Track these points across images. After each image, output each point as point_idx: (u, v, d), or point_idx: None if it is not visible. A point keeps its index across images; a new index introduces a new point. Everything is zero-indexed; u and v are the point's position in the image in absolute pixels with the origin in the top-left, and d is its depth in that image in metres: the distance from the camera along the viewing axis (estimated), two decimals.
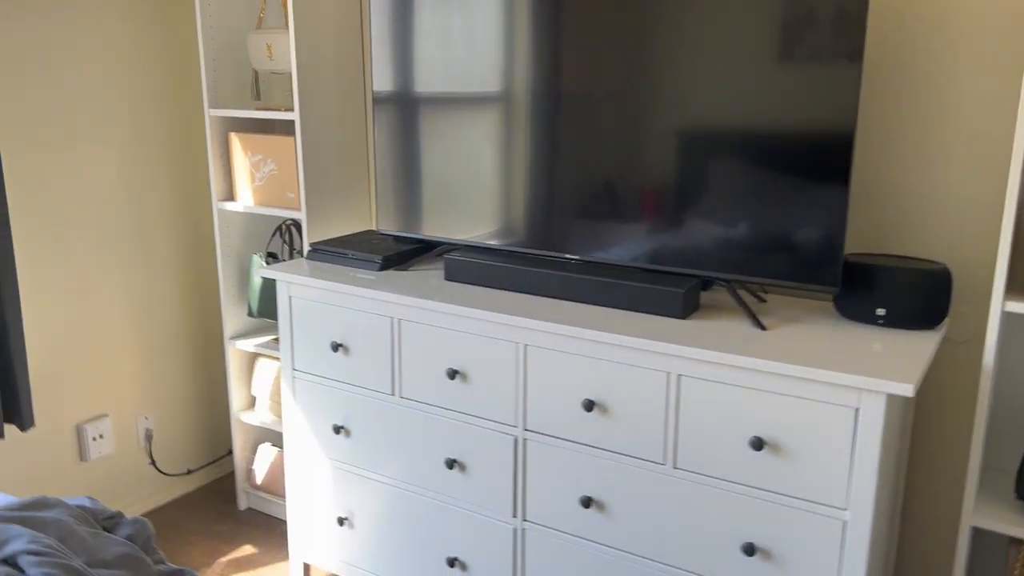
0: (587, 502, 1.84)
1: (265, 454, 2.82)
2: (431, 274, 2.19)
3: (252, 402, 2.87)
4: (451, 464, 2.02)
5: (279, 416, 2.76)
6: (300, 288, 2.20)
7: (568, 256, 2.01)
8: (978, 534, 1.92)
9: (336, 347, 2.14)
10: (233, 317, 2.76)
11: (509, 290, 2.03)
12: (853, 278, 1.77)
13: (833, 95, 1.65)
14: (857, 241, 1.98)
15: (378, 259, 2.22)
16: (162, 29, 2.68)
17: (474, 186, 2.11)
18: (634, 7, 1.81)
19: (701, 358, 1.64)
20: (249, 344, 2.72)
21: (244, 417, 2.80)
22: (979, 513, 1.71)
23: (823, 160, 1.68)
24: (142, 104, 2.66)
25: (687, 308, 1.83)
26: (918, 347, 1.65)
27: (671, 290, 1.81)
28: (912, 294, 1.72)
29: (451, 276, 2.11)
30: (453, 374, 1.97)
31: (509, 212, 2.07)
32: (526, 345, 1.87)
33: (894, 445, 1.71)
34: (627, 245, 1.93)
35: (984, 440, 1.70)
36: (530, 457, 1.92)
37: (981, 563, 1.95)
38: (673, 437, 1.73)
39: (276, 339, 2.75)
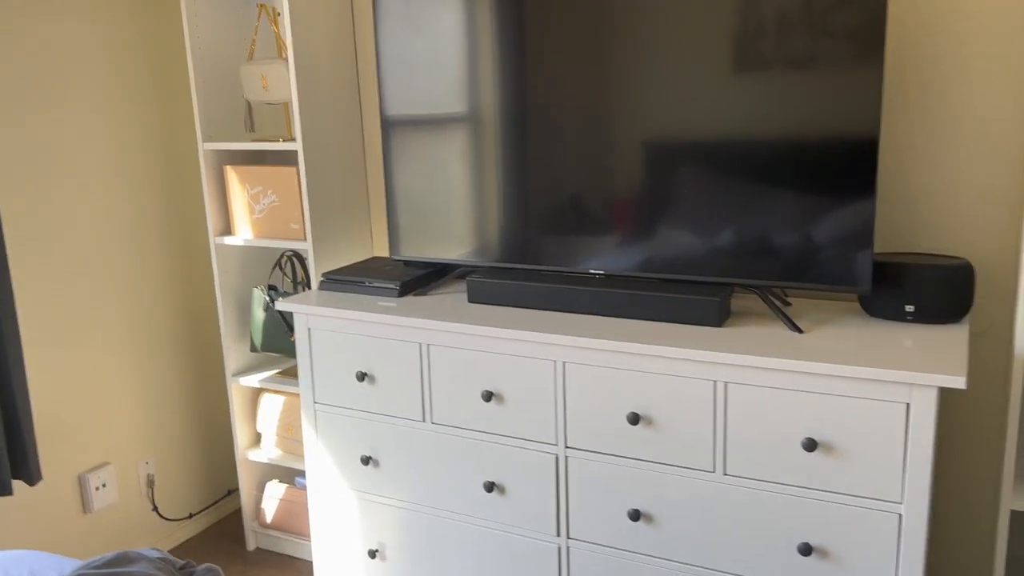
0: (635, 515, 1.85)
1: (274, 491, 2.76)
2: (452, 297, 2.18)
3: (257, 439, 2.81)
4: (490, 487, 2.00)
5: (287, 451, 2.70)
6: (321, 319, 2.16)
7: (593, 271, 2.02)
8: (1016, 517, 1.99)
9: (362, 376, 2.11)
10: (234, 353, 2.70)
11: (537, 308, 2.03)
12: (880, 277, 1.83)
13: (857, 102, 1.70)
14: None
15: (396, 285, 2.20)
16: (149, 63, 2.62)
17: (489, 207, 2.11)
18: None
19: (751, 364, 1.66)
20: (253, 380, 2.66)
21: (250, 455, 2.73)
22: (1018, 496, 1.77)
23: (850, 166, 1.73)
24: (131, 141, 2.59)
25: (722, 315, 1.86)
26: (951, 340, 1.71)
27: (707, 299, 1.84)
28: (939, 289, 1.78)
29: (475, 298, 2.10)
30: (488, 396, 1.96)
31: (527, 231, 2.08)
32: (564, 362, 1.87)
33: (938, 436, 1.76)
34: (654, 256, 1.95)
35: (1019, 426, 1.76)
36: (572, 474, 1.92)
37: (1016, 545, 2.01)
38: (722, 444, 1.75)
39: (281, 373, 2.70)
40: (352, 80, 2.57)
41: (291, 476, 2.91)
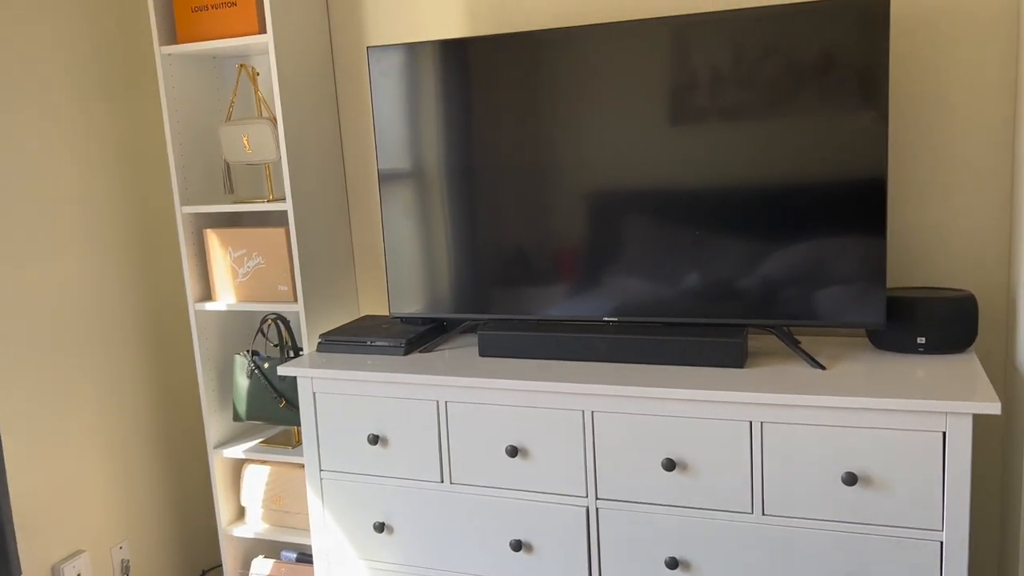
0: (673, 563, 1.83)
1: (260, 568, 2.62)
2: (461, 352, 2.14)
3: (241, 513, 2.67)
4: (517, 546, 1.95)
5: (275, 524, 2.58)
6: (326, 383, 2.09)
7: (607, 319, 2.03)
8: None
9: (374, 440, 2.04)
10: (215, 424, 2.57)
11: (553, 359, 2.02)
12: (891, 311, 1.89)
13: (867, 145, 1.78)
14: None
15: (401, 343, 2.15)
16: (122, 128, 2.52)
17: (491, 260, 2.10)
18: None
19: (785, 403, 1.69)
20: (237, 450, 2.54)
21: (234, 530, 2.59)
22: None
23: (861, 207, 1.80)
24: (101, 208, 2.48)
25: (744, 357, 1.88)
26: (966, 368, 1.77)
27: (730, 341, 1.86)
28: (948, 321, 1.86)
29: (487, 351, 2.08)
30: (513, 451, 1.92)
31: (532, 282, 2.07)
32: (593, 411, 1.86)
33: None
34: (668, 300, 1.97)
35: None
36: (604, 526, 1.89)
37: None
38: (759, 485, 1.76)
39: (265, 441, 2.59)
40: (335, 137, 2.54)
41: (276, 550, 2.77)
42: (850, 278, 1.84)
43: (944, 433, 1.62)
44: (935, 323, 1.86)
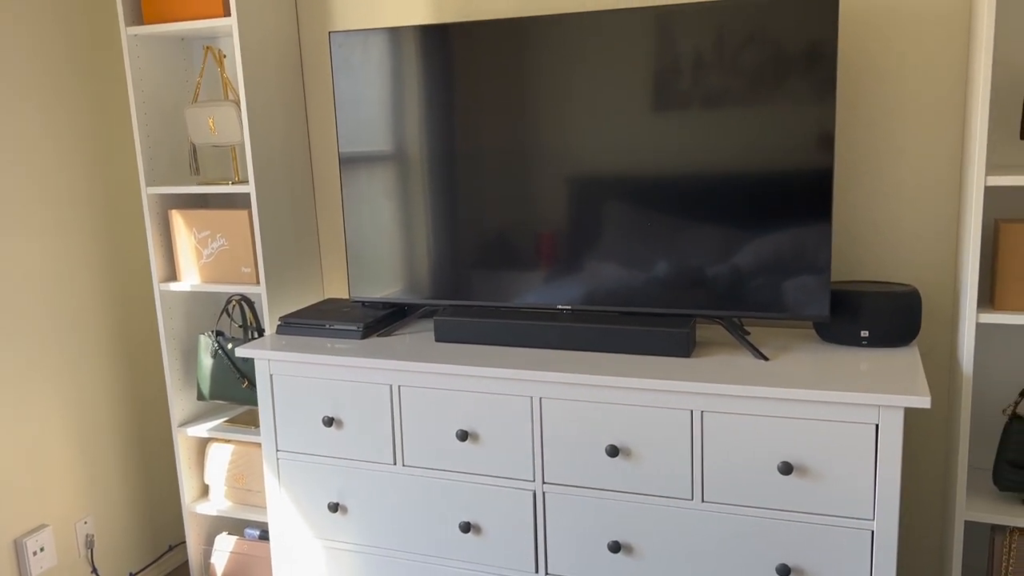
0: (615, 547, 1.87)
1: (224, 544, 2.66)
2: (418, 337, 2.17)
3: (204, 491, 2.70)
4: (466, 527, 1.99)
5: (238, 502, 2.62)
6: (283, 365, 2.12)
7: (561, 307, 2.06)
8: (967, 527, 2.10)
9: (329, 421, 2.08)
10: (180, 403, 2.60)
11: (506, 345, 2.05)
12: (836, 305, 1.93)
13: (814, 138, 1.81)
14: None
15: (359, 327, 2.18)
16: (88, 107, 2.53)
17: (449, 246, 2.12)
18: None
19: (726, 392, 1.72)
20: (201, 429, 2.57)
21: (198, 508, 2.63)
22: (969, 507, 1.88)
23: (808, 200, 1.83)
24: (66, 188, 2.49)
25: (690, 347, 1.92)
26: (907, 362, 1.81)
27: (677, 331, 1.90)
28: (891, 315, 1.89)
29: (442, 336, 2.10)
30: (464, 435, 1.96)
31: (489, 269, 2.10)
32: (541, 398, 1.89)
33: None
34: (621, 290, 2.00)
35: (969, 440, 1.88)
36: (550, 510, 1.93)
37: (968, 552, 2.12)
38: (699, 472, 1.80)
39: (230, 421, 2.62)
40: (301, 121, 2.55)
41: (240, 528, 2.81)
42: (796, 271, 1.87)
43: (877, 425, 1.66)
44: (879, 317, 1.90)
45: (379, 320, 2.24)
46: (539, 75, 1.98)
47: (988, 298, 1.90)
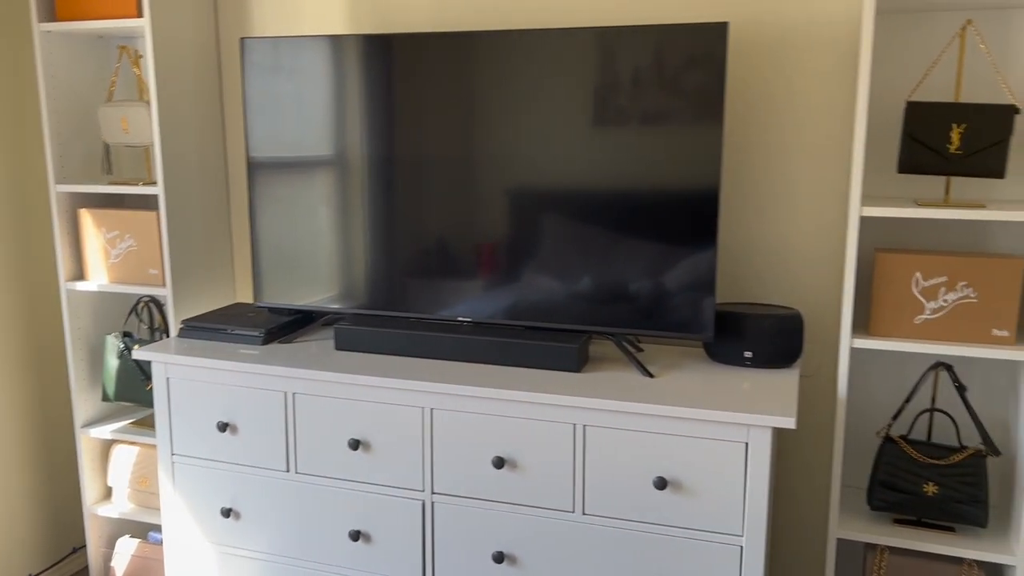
0: (499, 557, 1.90)
1: (125, 547, 2.63)
2: (318, 345, 2.18)
3: (108, 493, 2.68)
4: (356, 536, 2.01)
5: (141, 505, 2.60)
6: (180, 368, 2.12)
7: (460, 319, 2.09)
8: (839, 544, 2.17)
9: (223, 427, 2.08)
10: (84, 403, 2.58)
11: (404, 355, 2.07)
12: (722, 326, 1.98)
13: (701, 161, 1.86)
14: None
15: (260, 332, 2.19)
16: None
17: (353, 254, 2.14)
18: None
19: (605, 408, 1.77)
20: (105, 431, 2.55)
21: (100, 510, 2.60)
22: (842, 526, 1.95)
23: (694, 221, 1.89)
24: None
25: (580, 362, 1.96)
26: (785, 383, 1.87)
27: (567, 346, 1.94)
28: (773, 337, 1.96)
29: (342, 345, 2.12)
30: (356, 444, 1.97)
31: (394, 278, 2.12)
32: (432, 409, 1.92)
33: (773, 472, 1.91)
34: (518, 303, 2.04)
35: (842, 461, 1.94)
36: (439, 520, 1.95)
37: (842, 569, 2.19)
38: (581, 485, 1.83)
39: (135, 423, 2.60)
40: (217, 124, 2.56)
41: (144, 531, 2.78)
42: (684, 291, 1.92)
43: (747, 444, 1.71)
44: (761, 338, 1.96)
45: (282, 326, 2.25)
46: (414, 88, 2.01)
47: (865, 324, 1.97)
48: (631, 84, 1.89)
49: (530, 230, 2.00)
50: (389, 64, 2.05)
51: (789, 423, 1.66)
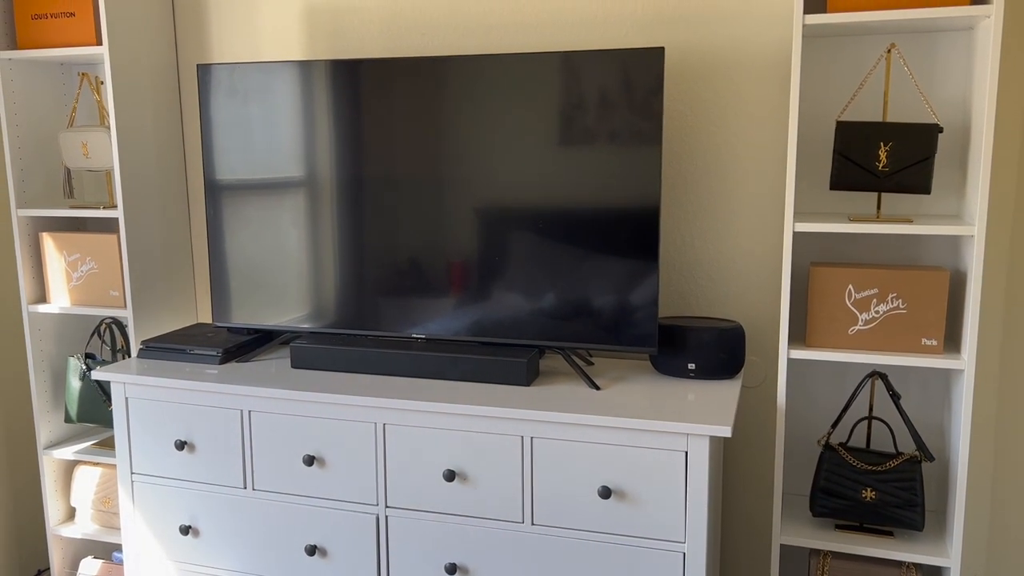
0: (452, 568, 1.94)
1: (89, 568, 2.65)
2: (276, 363, 2.23)
3: (71, 514, 2.69)
4: (312, 551, 2.04)
5: (104, 525, 2.61)
6: (138, 388, 2.15)
7: (414, 335, 2.14)
8: (785, 549, 2.23)
9: (181, 445, 2.11)
10: (47, 424, 2.60)
11: (358, 372, 2.12)
12: (666, 339, 2.05)
13: (642, 180, 1.93)
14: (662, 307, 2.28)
15: (218, 352, 2.23)
16: None
17: (312, 273, 2.19)
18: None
19: (551, 420, 1.82)
20: (67, 451, 2.57)
21: (63, 531, 2.62)
22: (785, 532, 2.01)
23: (637, 237, 1.96)
24: None
25: (530, 375, 2.01)
26: (725, 394, 1.93)
27: (516, 360, 1.99)
28: (715, 349, 2.02)
29: (298, 363, 2.16)
30: (310, 460, 2.01)
31: (348, 297, 2.17)
32: (384, 424, 1.96)
33: (716, 480, 1.97)
34: (470, 320, 2.09)
35: (783, 469, 2.01)
36: (392, 533, 2.00)
37: (787, 574, 2.25)
38: (530, 496, 1.88)
39: (98, 444, 2.62)
40: (178, 147, 2.60)
41: (108, 551, 2.80)
42: (628, 305, 1.99)
43: (686, 453, 1.77)
44: (703, 350, 2.02)
45: (240, 346, 2.29)
46: (364, 112, 2.07)
47: (802, 335, 2.04)
48: (576, 107, 1.96)
49: (484, 249, 2.06)
50: (345, 88, 2.11)
51: (725, 432, 1.72)
